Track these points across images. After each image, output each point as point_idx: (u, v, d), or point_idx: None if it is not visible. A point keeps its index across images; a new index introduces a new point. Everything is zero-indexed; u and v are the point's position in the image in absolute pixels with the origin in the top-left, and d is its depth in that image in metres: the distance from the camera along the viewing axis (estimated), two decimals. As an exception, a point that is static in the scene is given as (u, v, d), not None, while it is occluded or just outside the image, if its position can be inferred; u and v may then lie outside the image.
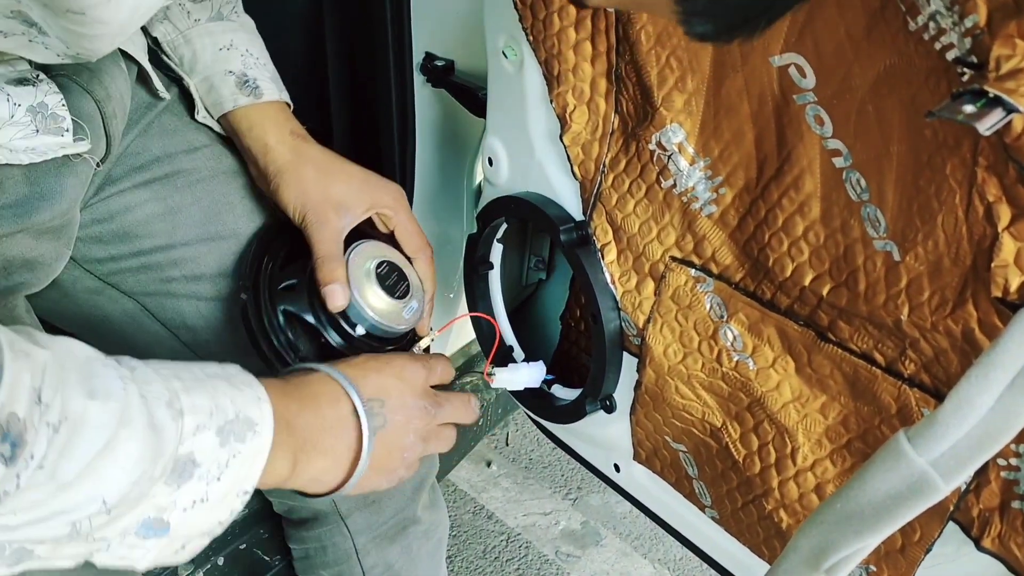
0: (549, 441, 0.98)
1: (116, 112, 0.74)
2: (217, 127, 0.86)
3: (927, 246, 0.56)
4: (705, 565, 0.86)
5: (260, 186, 0.85)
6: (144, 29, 0.83)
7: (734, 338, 0.71)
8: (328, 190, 0.80)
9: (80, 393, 0.46)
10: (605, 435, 0.89)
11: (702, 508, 0.82)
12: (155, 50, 0.84)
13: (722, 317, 0.72)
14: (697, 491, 0.81)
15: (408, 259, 0.85)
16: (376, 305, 0.79)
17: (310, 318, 0.78)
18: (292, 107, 0.86)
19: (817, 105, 0.60)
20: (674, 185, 0.72)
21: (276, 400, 0.58)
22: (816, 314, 0.65)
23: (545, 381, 0.94)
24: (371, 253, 0.81)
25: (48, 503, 0.46)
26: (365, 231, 0.84)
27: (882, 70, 0.55)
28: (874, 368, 0.62)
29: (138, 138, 0.82)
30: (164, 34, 0.83)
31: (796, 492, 0.71)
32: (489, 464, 1.88)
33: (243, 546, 1.09)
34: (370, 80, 1.05)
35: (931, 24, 0.50)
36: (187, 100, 0.87)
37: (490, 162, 0.90)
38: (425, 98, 1.01)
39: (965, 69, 0.49)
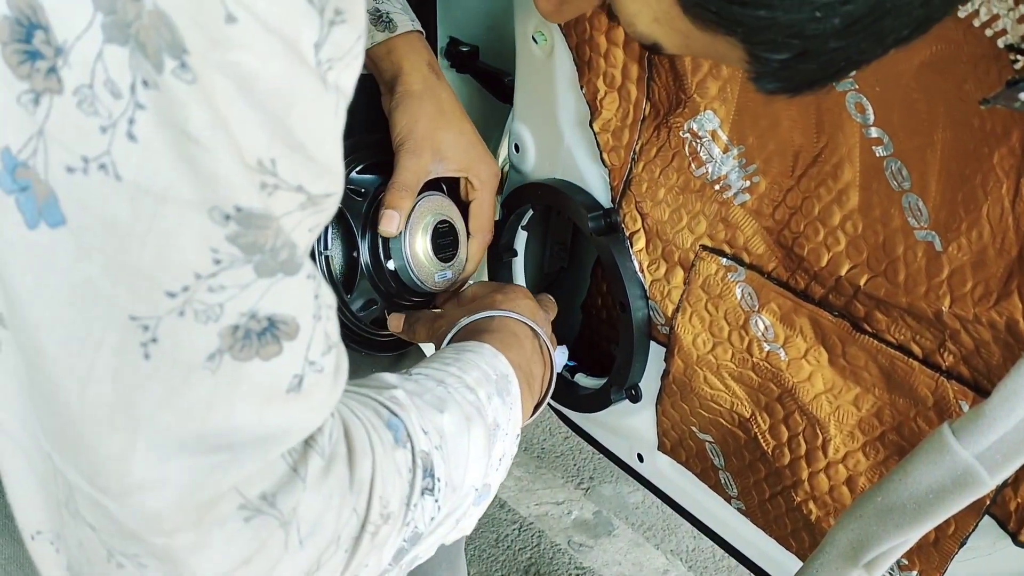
0: (562, 431, 0.98)
1: None
2: None
3: (971, 236, 0.55)
4: (718, 556, 0.86)
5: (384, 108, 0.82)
6: None
7: (765, 328, 0.71)
8: (437, 132, 0.79)
9: (434, 411, 0.53)
10: (629, 424, 0.89)
11: (728, 499, 0.81)
12: None
13: (753, 307, 0.71)
14: (723, 482, 0.81)
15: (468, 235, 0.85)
16: (417, 253, 0.79)
17: (356, 229, 0.78)
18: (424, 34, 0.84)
19: (858, 92, 0.59)
20: (706, 173, 0.72)
21: (502, 348, 0.65)
22: (852, 305, 0.65)
23: (567, 367, 0.93)
24: (439, 208, 0.81)
25: (449, 511, 0.53)
26: (450, 189, 0.83)
27: (928, 57, 0.54)
28: (911, 360, 0.62)
29: None
30: None
31: (827, 484, 0.71)
32: (502, 453, 1.88)
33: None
34: (393, 65, 1.03)
35: (983, 10, 0.49)
36: None
37: (516, 148, 0.90)
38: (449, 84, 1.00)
39: (1018, 56, 0.48)
